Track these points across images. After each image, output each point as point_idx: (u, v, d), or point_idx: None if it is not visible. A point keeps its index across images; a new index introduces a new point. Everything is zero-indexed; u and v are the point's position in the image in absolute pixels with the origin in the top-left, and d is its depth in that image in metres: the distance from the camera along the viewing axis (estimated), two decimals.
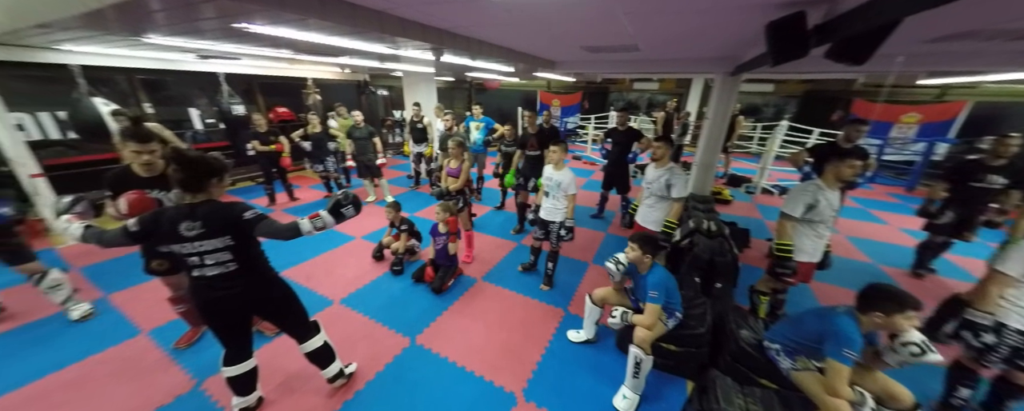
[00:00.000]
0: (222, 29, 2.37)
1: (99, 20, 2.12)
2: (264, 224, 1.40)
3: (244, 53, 3.80)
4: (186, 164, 1.31)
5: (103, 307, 2.51)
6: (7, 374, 1.92)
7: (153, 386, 1.89)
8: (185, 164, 1.31)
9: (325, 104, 5.83)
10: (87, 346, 2.14)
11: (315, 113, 4.62)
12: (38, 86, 3.79)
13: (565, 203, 2.62)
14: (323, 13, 1.83)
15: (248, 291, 1.48)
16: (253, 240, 1.44)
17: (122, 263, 3.08)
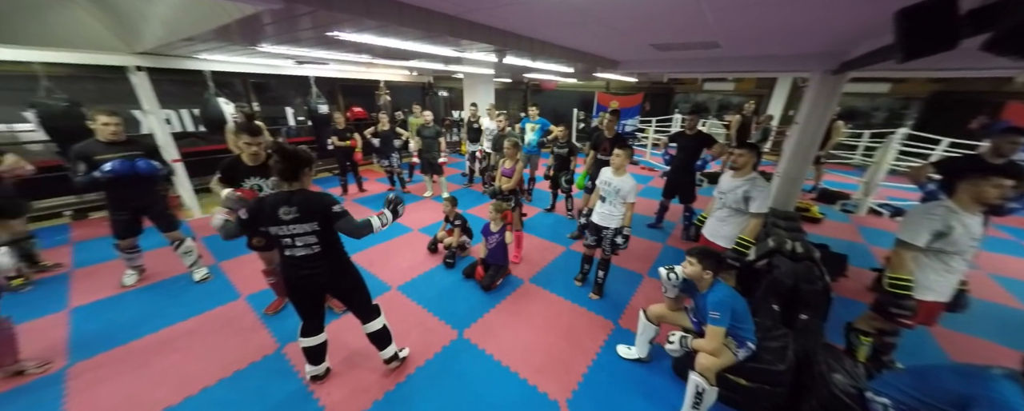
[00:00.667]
0: (317, 38, 2.68)
1: (227, 33, 2.53)
2: (344, 221, 1.59)
3: (332, 59, 4.26)
4: (286, 156, 1.52)
5: (215, 272, 3.01)
6: (148, 320, 2.40)
7: (247, 344, 2.21)
8: (285, 156, 1.52)
9: (393, 104, 6.32)
10: (203, 304, 2.59)
11: (385, 112, 5.03)
12: (180, 88, 4.69)
13: (622, 210, 2.49)
14: (401, 19, 1.96)
15: (327, 272, 1.66)
16: (336, 226, 1.60)
17: None
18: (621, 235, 2.49)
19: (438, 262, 3.26)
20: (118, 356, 2.09)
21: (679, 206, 3.88)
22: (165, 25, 2.70)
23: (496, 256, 2.85)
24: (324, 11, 1.67)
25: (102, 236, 3.42)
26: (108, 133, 2.36)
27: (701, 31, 2.43)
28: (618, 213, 2.51)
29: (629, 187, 2.44)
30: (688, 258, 1.73)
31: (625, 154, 2.49)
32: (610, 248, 2.59)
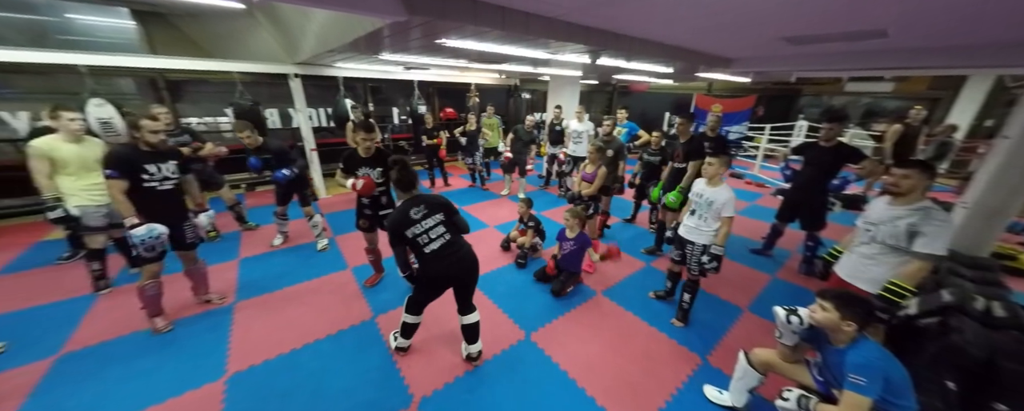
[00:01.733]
0: (425, 45, 2.98)
1: (357, 44, 2.99)
2: (458, 216, 1.91)
3: (434, 64, 4.72)
4: (406, 169, 1.85)
5: (332, 244, 3.61)
6: (285, 276, 3.00)
7: (349, 309, 2.58)
8: (405, 169, 1.85)
9: (480, 106, 6.70)
10: (321, 269, 3.13)
11: (473, 113, 5.35)
12: (319, 91, 5.75)
13: (715, 225, 2.18)
14: (504, 24, 2.03)
15: (465, 256, 1.89)
16: (456, 216, 1.89)
17: (347, 216, 4.38)
18: (709, 253, 2.17)
19: (510, 260, 3.33)
20: (265, 301, 2.66)
21: (798, 233, 3.21)
22: (317, 38, 3.32)
23: (569, 262, 2.78)
24: (438, 20, 1.83)
25: (264, 205, 4.43)
26: (247, 142, 3.00)
27: (864, 16, 1.93)
28: (709, 229, 2.20)
29: (724, 199, 2.12)
30: (820, 301, 1.40)
31: (719, 163, 2.20)
32: (697, 267, 2.28)
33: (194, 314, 2.48)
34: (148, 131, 2.03)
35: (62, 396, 1.82)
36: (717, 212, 2.16)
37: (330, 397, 1.86)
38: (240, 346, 2.19)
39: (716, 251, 2.15)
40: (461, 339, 2.09)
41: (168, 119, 3.23)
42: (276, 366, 2.05)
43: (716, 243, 2.16)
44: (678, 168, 3.19)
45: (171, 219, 2.14)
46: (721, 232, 2.16)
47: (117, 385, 1.89)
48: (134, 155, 2.01)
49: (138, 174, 1.99)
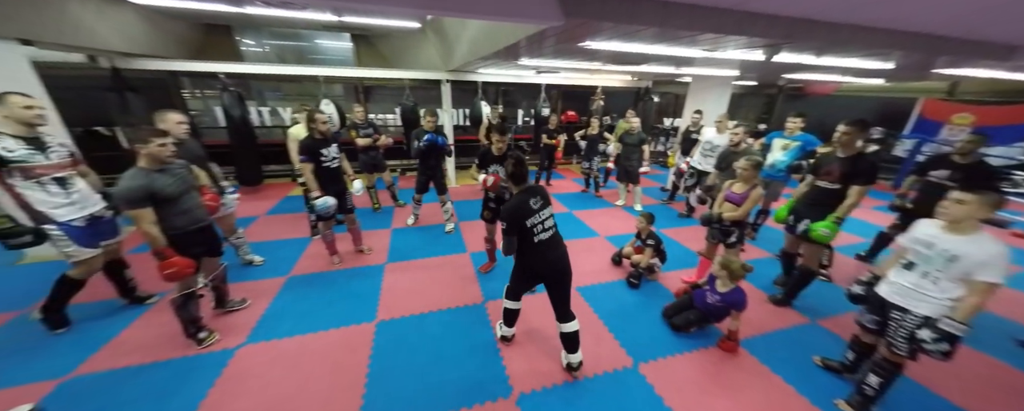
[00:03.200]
0: (562, 50, 3.03)
1: (500, 53, 3.27)
2: None
3: (565, 67, 4.78)
4: (520, 164, 1.94)
5: (456, 229, 4.11)
6: (419, 250, 3.56)
7: (464, 290, 2.88)
8: (520, 164, 1.94)
9: (604, 109, 6.46)
10: (446, 249, 3.59)
11: (596, 117, 5.20)
12: (461, 94, 6.60)
13: (954, 292, 1.49)
14: (664, 21, 1.85)
15: (564, 254, 1.95)
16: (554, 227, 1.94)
17: (470, 205, 4.94)
18: (936, 329, 1.49)
19: (621, 276, 3.10)
20: (406, 267, 3.23)
21: None
22: (471, 44, 3.77)
23: (709, 311, 2.35)
24: (595, 22, 1.81)
25: (408, 188, 5.41)
26: (428, 124, 3.60)
27: None
28: (939, 294, 1.53)
29: (985, 256, 1.43)
30: None
31: (979, 201, 1.47)
32: (905, 346, 1.61)
33: (362, 265, 3.21)
34: (321, 123, 2.75)
35: (289, 303, 2.63)
36: (965, 272, 1.48)
37: (445, 363, 2.11)
38: (387, 299, 2.72)
39: (952, 329, 1.47)
40: (561, 348, 2.05)
41: (363, 115, 4.26)
42: (409, 323, 2.46)
43: (955, 318, 1.48)
44: (825, 188, 2.37)
45: (337, 187, 2.90)
46: (968, 303, 1.47)
47: (317, 305, 2.61)
48: (313, 143, 2.73)
49: (318, 157, 2.72)
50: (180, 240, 1.94)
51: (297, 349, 2.19)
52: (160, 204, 1.86)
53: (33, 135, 2.01)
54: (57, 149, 2.09)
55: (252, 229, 3.91)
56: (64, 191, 2.08)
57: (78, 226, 2.12)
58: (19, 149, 1.93)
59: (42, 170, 2.00)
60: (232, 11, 4.45)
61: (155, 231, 1.83)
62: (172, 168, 1.97)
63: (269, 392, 1.88)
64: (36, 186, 1.99)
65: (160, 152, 1.87)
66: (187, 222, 2.00)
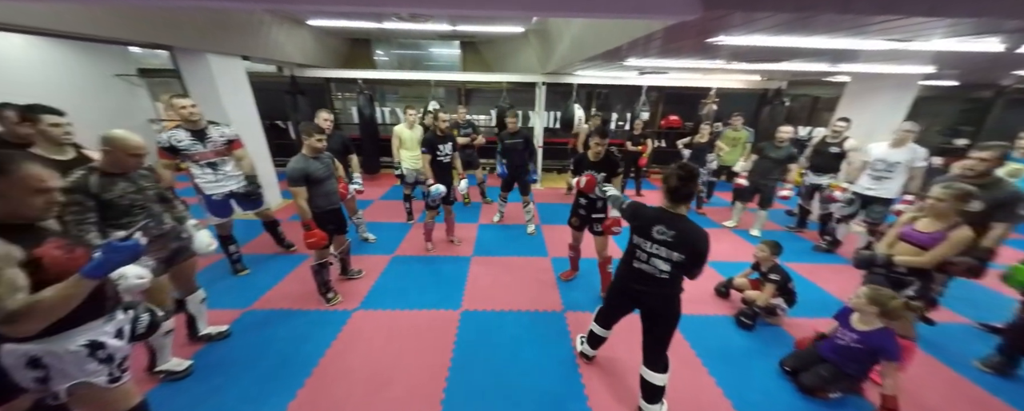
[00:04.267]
0: (685, 47, 2.70)
1: (606, 54, 3.10)
2: (699, 270, 1.58)
3: (674, 67, 4.32)
4: (688, 179, 1.48)
5: (538, 231, 4.12)
6: (500, 247, 3.66)
7: (543, 295, 2.85)
8: (688, 178, 1.48)
9: (716, 114, 5.64)
10: (527, 251, 3.62)
11: (707, 123, 4.56)
12: (555, 97, 6.59)
13: None
14: (847, 6, 1.46)
15: (660, 300, 1.65)
16: (690, 269, 1.57)
17: (553, 208, 4.91)
18: None
19: (728, 311, 2.65)
20: (489, 262, 3.36)
21: None
22: (574, 45, 3.69)
23: (843, 358, 1.86)
24: (746, 12, 1.54)
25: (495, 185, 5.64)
26: (512, 126, 3.68)
27: None
28: None
29: None
30: None
31: None
32: None
33: (451, 254, 3.47)
34: (441, 122, 3.08)
35: (392, 279, 3.00)
36: None
37: (523, 367, 2.10)
38: (471, 290, 2.88)
39: None
40: None
41: (463, 116, 4.61)
42: (490, 318, 2.54)
43: None
44: None
45: (446, 180, 3.18)
46: None
47: (413, 285, 2.92)
48: (434, 138, 3.07)
49: (434, 150, 3.05)
50: (319, 218, 2.38)
51: (396, 322, 2.48)
52: (311, 185, 2.32)
53: (199, 129, 2.56)
54: (215, 139, 2.61)
55: (368, 211, 4.61)
56: (213, 172, 2.67)
57: (216, 200, 2.74)
58: (186, 140, 2.51)
59: (200, 156, 2.58)
60: (374, 27, 5.30)
61: (306, 206, 2.29)
62: (322, 157, 2.44)
63: (373, 356, 2.17)
64: (195, 167, 2.62)
65: (317, 145, 2.34)
66: (325, 204, 2.44)
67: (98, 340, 1.21)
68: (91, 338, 1.19)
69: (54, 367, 1.13)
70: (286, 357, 2.13)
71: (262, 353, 2.16)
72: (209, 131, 2.61)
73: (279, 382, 1.95)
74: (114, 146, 1.64)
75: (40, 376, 1.12)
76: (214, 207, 2.76)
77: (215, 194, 2.72)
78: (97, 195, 1.59)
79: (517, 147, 3.72)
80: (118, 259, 1.12)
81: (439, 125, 3.09)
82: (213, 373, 2.00)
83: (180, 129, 2.52)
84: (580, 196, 2.65)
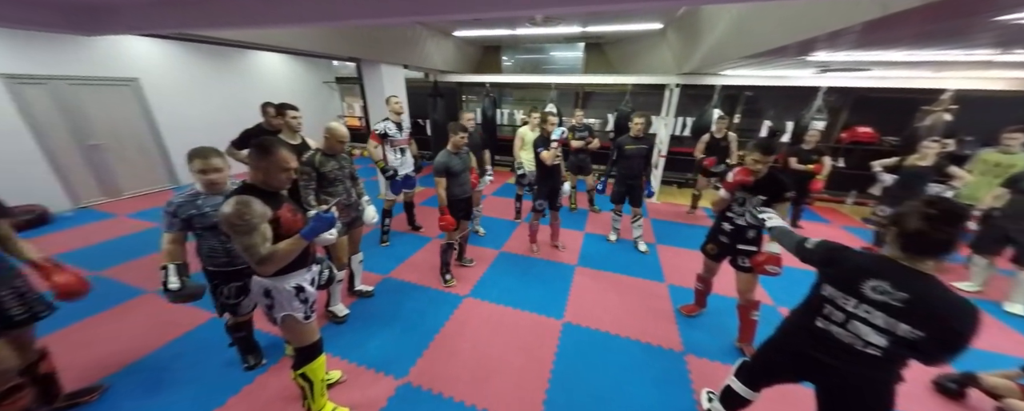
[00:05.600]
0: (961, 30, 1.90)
1: (776, 50, 2.46)
2: (944, 358, 1.06)
3: (889, 61, 3.18)
4: (947, 222, 0.99)
5: (652, 251, 3.68)
6: (608, 262, 3.40)
7: (656, 326, 2.49)
8: (947, 221, 0.99)
9: (949, 128, 3.95)
10: (638, 271, 3.26)
11: (934, 139, 3.21)
12: (686, 99, 5.78)
13: None
14: None
15: (856, 382, 1.16)
16: (932, 353, 1.07)
17: (671, 227, 4.35)
18: None
19: (959, 408, 1.79)
20: (595, 276, 3.16)
21: None
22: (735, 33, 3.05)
23: None
24: None
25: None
26: (636, 130, 3.32)
27: None
28: None
29: None
30: None
31: None
32: None
33: (555, 260, 3.41)
34: (549, 125, 3.02)
35: (498, 274, 3.13)
36: None
37: (630, 403, 1.87)
38: (575, 302, 2.74)
39: None
40: None
41: (580, 119, 4.46)
42: (594, 338, 2.36)
43: None
44: None
45: (552, 183, 3.15)
46: None
47: (517, 284, 2.97)
48: (546, 141, 3.04)
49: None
50: (452, 205, 2.65)
51: (501, 317, 2.55)
52: (450, 177, 2.59)
53: (399, 121, 3.34)
54: (406, 130, 3.41)
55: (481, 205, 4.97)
56: (401, 157, 3.42)
57: (397, 180, 3.37)
58: (393, 129, 3.30)
59: (397, 142, 3.34)
60: (507, 33, 5.66)
61: (444, 194, 2.58)
62: (462, 153, 2.69)
63: (479, 344, 2.27)
64: (392, 150, 3.35)
65: (459, 142, 2.59)
66: (459, 193, 2.70)
67: (301, 284, 1.56)
68: (297, 283, 1.54)
69: (276, 299, 1.50)
70: (412, 325, 2.43)
71: (394, 317, 2.52)
72: (403, 123, 3.38)
73: (406, 346, 2.24)
74: (331, 134, 2.18)
75: (268, 303, 1.51)
76: (395, 185, 3.44)
77: (399, 175, 3.41)
78: (318, 169, 2.13)
79: (639, 153, 3.36)
80: (322, 226, 1.45)
81: (548, 127, 3.07)
82: (361, 324, 2.44)
83: (389, 121, 3.33)
84: (723, 220, 2.20)
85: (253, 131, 2.83)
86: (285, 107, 2.65)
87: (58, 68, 4.23)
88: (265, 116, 2.87)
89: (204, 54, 5.64)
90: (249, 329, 2.02)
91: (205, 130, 5.60)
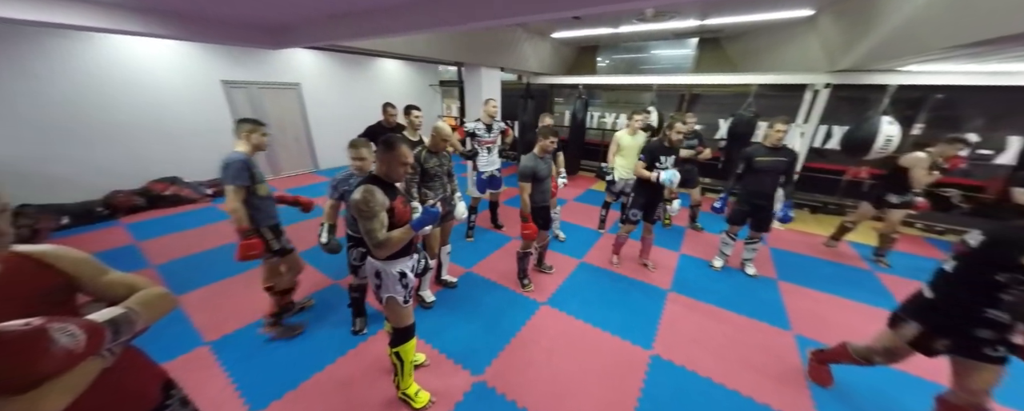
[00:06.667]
0: None
1: None
2: None
3: None
4: None
5: (770, 287, 3.01)
6: (714, 294, 2.90)
7: (778, 386, 1.98)
8: None
9: None
10: (752, 309, 2.68)
11: None
12: (842, 105, 4.60)
13: None
14: None
15: None
16: None
17: (812, 265, 3.54)
18: None
19: None
20: (692, 305, 2.73)
21: None
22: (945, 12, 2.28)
23: None
24: None
25: (705, 212, 4.64)
26: (775, 139, 2.69)
27: None
28: None
29: None
30: None
31: None
32: None
33: (643, 280, 3.07)
34: (675, 132, 2.66)
35: (578, 285, 2.95)
36: None
37: None
38: (667, 333, 2.40)
39: None
40: None
41: (692, 126, 3.92)
42: (691, 381, 2.02)
43: None
44: None
45: (653, 195, 2.87)
46: None
47: (599, 300, 2.76)
48: (657, 148, 2.75)
49: (654, 161, 2.74)
50: (533, 212, 2.58)
51: (580, 333, 2.39)
52: (534, 182, 2.52)
53: (490, 123, 3.45)
54: (495, 130, 3.49)
55: (562, 211, 4.82)
56: (487, 155, 3.52)
57: (483, 178, 3.53)
58: (482, 129, 3.43)
59: (485, 142, 3.47)
60: (607, 32, 5.37)
61: (528, 200, 2.52)
62: (547, 158, 2.61)
63: (555, 358, 2.16)
64: (480, 148, 3.48)
65: (549, 146, 2.51)
66: (540, 200, 2.63)
67: (404, 270, 1.67)
68: (401, 268, 1.66)
69: (384, 281, 1.64)
70: (490, 323, 2.46)
71: (474, 312, 2.59)
72: (493, 125, 3.51)
73: (483, 343, 2.27)
74: (437, 133, 2.33)
75: (377, 283, 1.67)
76: (481, 183, 3.61)
77: (484, 173, 3.56)
78: (422, 165, 2.30)
79: (775, 168, 2.76)
80: (429, 220, 1.56)
81: (672, 135, 2.72)
82: (444, 312, 2.57)
83: (480, 122, 3.50)
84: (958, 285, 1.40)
85: (375, 127, 3.25)
86: (411, 108, 2.98)
87: (252, 75, 5.60)
88: (384, 114, 3.27)
89: (344, 62, 6.81)
90: (363, 292, 2.34)
91: (341, 125, 6.79)
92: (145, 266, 3.20)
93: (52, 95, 3.95)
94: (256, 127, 1.98)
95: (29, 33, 3.72)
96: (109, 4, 2.25)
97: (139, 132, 4.64)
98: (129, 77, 4.45)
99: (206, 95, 5.17)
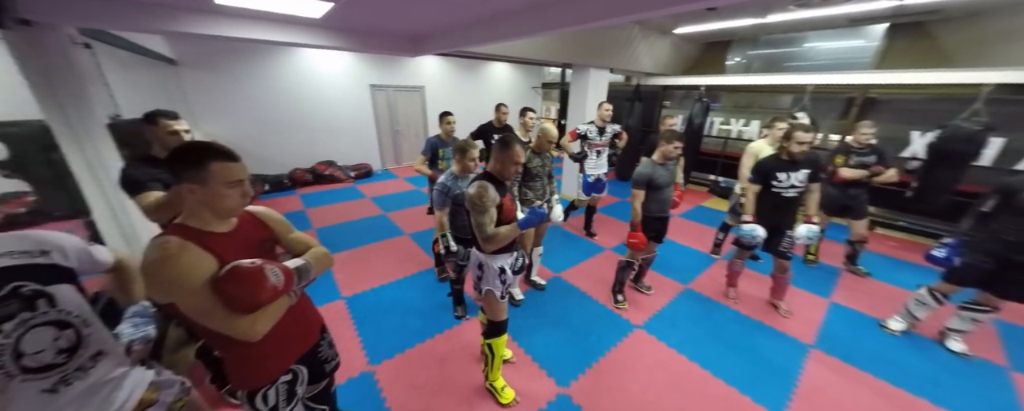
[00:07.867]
0: None
1: None
2: None
3: None
4: None
5: (1002, 375, 2.07)
6: (884, 362, 2.17)
7: None
8: None
9: None
10: (951, 390, 1.88)
11: None
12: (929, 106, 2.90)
13: None
14: None
15: None
16: None
17: None
18: None
19: None
20: (843, 371, 2.07)
21: None
22: None
23: None
24: None
25: (889, 255, 3.48)
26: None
27: None
28: None
29: None
30: None
31: None
32: None
33: (772, 325, 2.48)
34: (796, 142, 2.13)
35: (681, 314, 2.57)
36: None
37: None
38: (807, 401, 1.88)
39: None
40: None
41: (865, 137, 2.98)
42: None
43: None
44: None
45: (778, 223, 2.30)
46: None
47: (709, 338, 2.34)
48: (770, 164, 2.25)
49: (770, 180, 2.25)
50: (646, 222, 2.34)
51: (684, 372, 2.06)
52: (650, 190, 2.27)
53: (603, 126, 3.31)
54: (608, 133, 3.37)
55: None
56: (596, 159, 3.41)
57: (589, 182, 3.34)
58: (593, 131, 3.31)
59: (596, 145, 3.35)
60: (748, 23, 4.56)
61: (639, 208, 2.29)
62: (668, 164, 2.32)
63: (651, 392, 1.91)
64: (590, 151, 3.36)
65: (671, 152, 2.22)
66: (656, 210, 2.36)
67: (504, 267, 1.70)
68: (502, 264, 1.69)
69: (486, 274, 1.70)
70: (578, 335, 2.34)
71: (561, 320, 2.50)
72: (607, 127, 3.39)
73: (569, 355, 2.17)
74: (543, 134, 2.33)
75: (479, 275, 1.73)
76: (587, 186, 3.51)
77: (591, 176, 3.47)
78: (525, 165, 2.33)
79: None
80: (536, 220, 1.56)
81: (791, 146, 2.14)
82: (532, 313, 2.56)
83: (593, 125, 3.35)
84: None
85: (486, 127, 3.46)
86: (526, 109, 3.11)
87: (390, 80, 6.67)
88: (497, 114, 3.45)
89: (460, 67, 7.52)
90: (462, 284, 2.49)
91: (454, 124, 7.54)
92: (309, 228, 4.12)
93: (265, 98, 5.46)
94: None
95: (250, 51, 5.21)
96: (310, 24, 2.95)
97: (313, 124, 6.03)
98: (312, 83, 5.83)
99: (358, 96, 6.39)
